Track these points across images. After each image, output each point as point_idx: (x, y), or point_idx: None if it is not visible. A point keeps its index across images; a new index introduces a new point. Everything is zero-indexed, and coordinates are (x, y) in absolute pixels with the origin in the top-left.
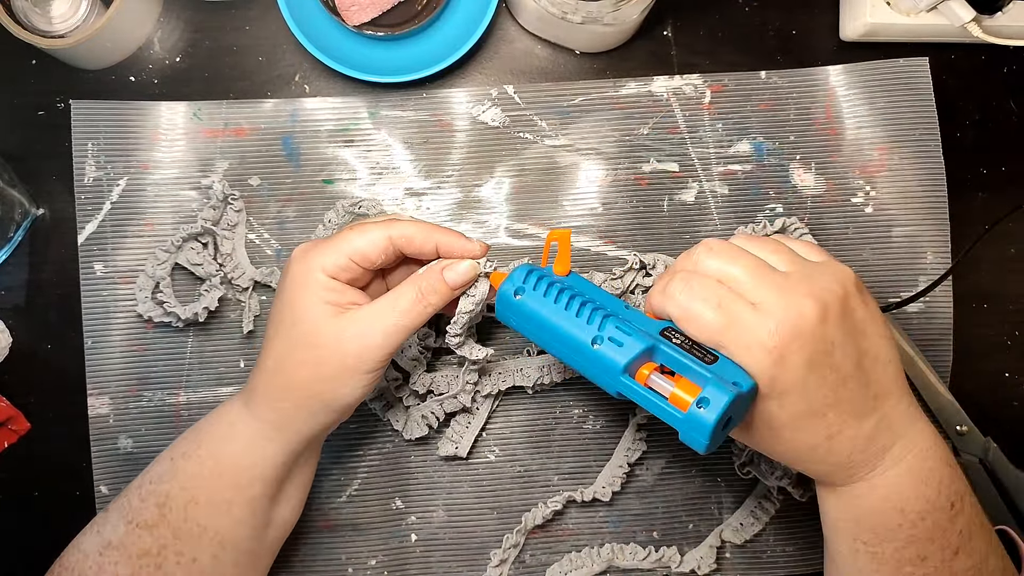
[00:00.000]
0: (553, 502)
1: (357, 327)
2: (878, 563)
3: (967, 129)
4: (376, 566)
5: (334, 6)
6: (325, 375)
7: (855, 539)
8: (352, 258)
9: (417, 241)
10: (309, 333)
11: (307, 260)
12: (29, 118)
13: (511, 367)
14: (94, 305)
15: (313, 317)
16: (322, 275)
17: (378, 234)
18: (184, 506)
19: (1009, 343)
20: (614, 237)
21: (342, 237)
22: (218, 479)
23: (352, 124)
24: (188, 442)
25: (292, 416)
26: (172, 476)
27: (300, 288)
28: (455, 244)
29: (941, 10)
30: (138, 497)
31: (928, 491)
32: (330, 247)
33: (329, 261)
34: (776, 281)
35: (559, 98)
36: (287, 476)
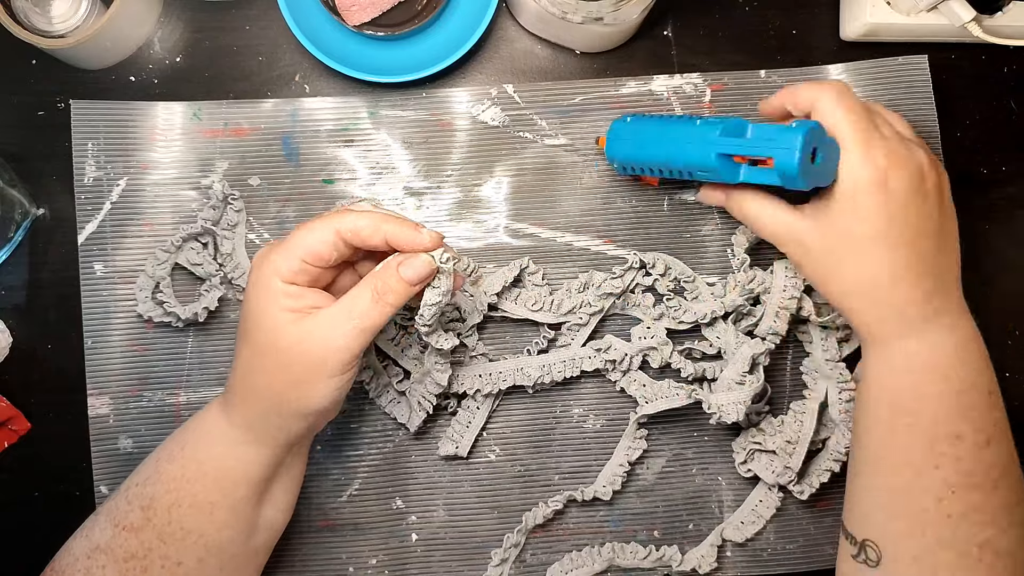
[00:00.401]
0: (553, 501)
1: (318, 332)
2: (914, 436)
3: (967, 129)
4: (376, 565)
5: (334, 6)
6: (291, 381)
7: (897, 408)
8: (305, 259)
9: (364, 234)
10: (271, 340)
11: (264, 266)
12: (29, 118)
13: (511, 367)
14: (94, 305)
15: (273, 324)
16: (279, 282)
17: (325, 230)
18: (168, 509)
19: (1009, 343)
20: (614, 236)
21: (293, 238)
22: (200, 482)
23: (352, 124)
24: (173, 444)
25: (265, 422)
26: (157, 479)
27: (260, 295)
28: (403, 236)
29: (941, 10)
30: (125, 500)
31: (972, 368)
32: (283, 250)
33: (284, 266)
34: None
35: (559, 97)
36: (272, 479)
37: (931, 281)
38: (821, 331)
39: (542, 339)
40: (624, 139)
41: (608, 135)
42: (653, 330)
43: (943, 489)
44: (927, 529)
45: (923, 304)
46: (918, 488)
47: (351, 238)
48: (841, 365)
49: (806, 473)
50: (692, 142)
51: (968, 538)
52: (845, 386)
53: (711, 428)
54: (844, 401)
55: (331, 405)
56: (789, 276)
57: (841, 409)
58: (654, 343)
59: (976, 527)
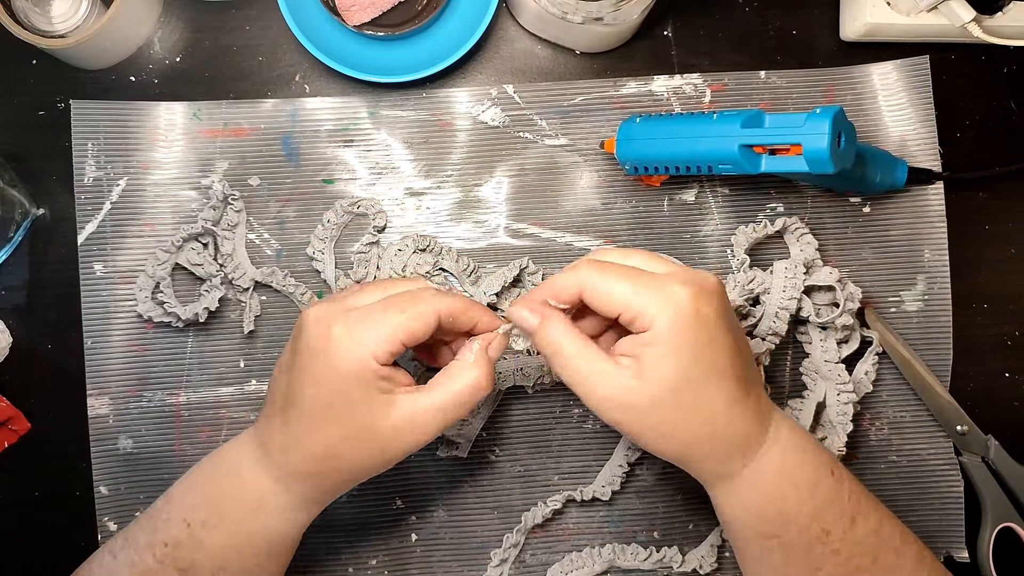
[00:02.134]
0: (553, 501)
1: (414, 419)
2: (790, 554)
3: (967, 129)
4: (376, 566)
5: (334, 6)
6: (376, 462)
7: (765, 536)
8: (404, 342)
9: (462, 320)
10: (367, 427)
11: (354, 343)
12: (29, 118)
13: (511, 367)
14: (94, 305)
15: (369, 410)
16: (375, 363)
17: (428, 311)
18: (213, 572)
19: (1009, 343)
20: (614, 237)
21: (389, 317)
22: (251, 549)
23: (352, 124)
24: (204, 510)
25: (332, 492)
26: (195, 545)
27: (353, 381)
28: (491, 325)
29: (941, 10)
30: (152, 558)
31: (809, 459)
32: (379, 329)
33: (381, 349)
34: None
35: (559, 98)
36: None
37: (756, 394)
38: (821, 332)
39: None
40: (636, 139)
41: (618, 136)
42: None
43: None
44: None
45: (757, 420)
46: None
47: (448, 323)
48: (840, 367)
49: None
50: (712, 136)
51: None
52: (844, 388)
53: None
54: (842, 403)
55: None
56: (789, 276)
57: (839, 411)
58: None
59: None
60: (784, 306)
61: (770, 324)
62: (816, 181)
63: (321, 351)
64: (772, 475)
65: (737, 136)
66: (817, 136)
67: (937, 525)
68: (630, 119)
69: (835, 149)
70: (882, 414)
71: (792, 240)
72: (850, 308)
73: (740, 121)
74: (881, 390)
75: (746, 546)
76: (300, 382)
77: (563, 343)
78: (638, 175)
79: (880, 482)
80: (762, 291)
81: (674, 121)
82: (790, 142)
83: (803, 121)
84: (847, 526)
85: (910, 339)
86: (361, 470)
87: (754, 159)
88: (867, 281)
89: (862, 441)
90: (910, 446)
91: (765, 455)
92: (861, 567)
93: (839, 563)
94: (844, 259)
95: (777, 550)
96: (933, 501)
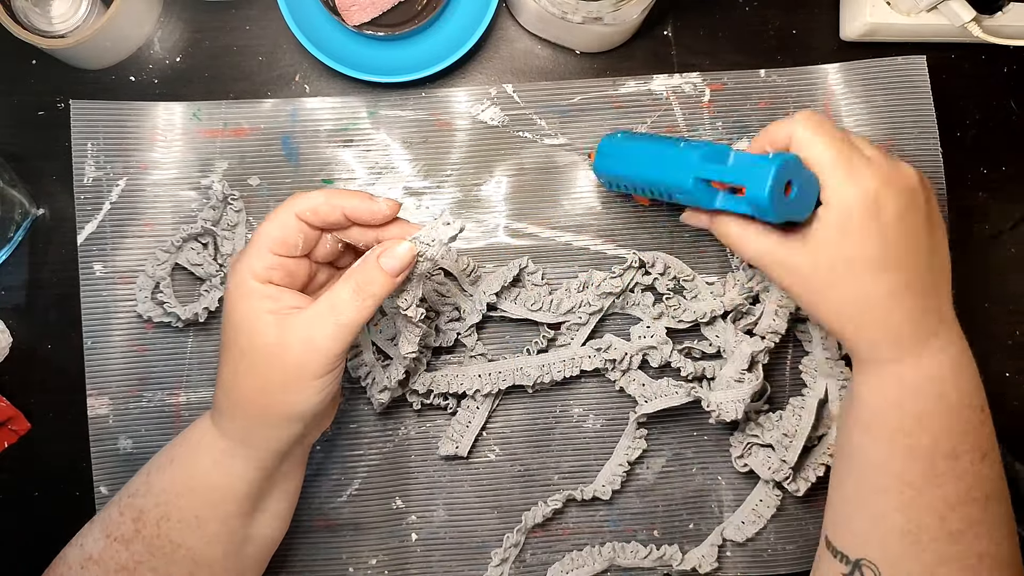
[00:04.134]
0: (553, 500)
1: (298, 333)
2: (914, 457)
3: (967, 129)
4: (376, 565)
5: (334, 6)
6: (273, 386)
7: (896, 432)
8: (273, 251)
9: (323, 211)
10: (252, 343)
11: (238, 269)
12: (29, 118)
13: (510, 367)
14: (94, 305)
15: (253, 327)
16: (254, 282)
17: (285, 215)
18: (157, 522)
19: (1009, 343)
20: (613, 236)
21: (258, 233)
22: (189, 496)
23: (351, 124)
24: (163, 457)
25: (253, 430)
26: (147, 491)
27: (237, 298)
28: (360, 207)
29: (941, 10)
30: (117, 510)
31: (967, 385)
32: (252, 248)
33: (256, 264)
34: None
35: (558, 97)
36: (264, 491)
37: (924, 301)
38: (821, 329)
39: (541, 339)
40: (611, 156)
41: (598, 150)
42: (653, 329)
43: (944, 507)
44: (929, 546)
45: (917, 325)
46: (919, 507)
47: (311, 218)
48: (841, 363)
49: (801, 467)
50: (672, 164)
51: (968, 553)
52: (845, 383)
53: (711, 428)
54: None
55: (318, 409)
56: None
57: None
58: (654, 342)
59: (975, 540)
60: (784, 304)
61: (770, 322)
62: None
63: (225, 291)
64: (924, 379)
65: (693, 169)
66: (760, 182)
67: None
68: (612, 134)
69: (780, 198)
70: None
71: None
72: None
73: (700, 153)
74: None
75: (870, 440)
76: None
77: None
78: (614, 191)
79: None
80: (761, 289)
81: (646, 142)
82: (738, 183)
83: (753, 163)
84: (977, 459)
85: None
86: (275, 401)
87: (710, 194)
88: None
89: None
90: None
91: (921, 359)
92: (976, 500)
93: (959, 489)
94: None
95: (902, 450)
96: None
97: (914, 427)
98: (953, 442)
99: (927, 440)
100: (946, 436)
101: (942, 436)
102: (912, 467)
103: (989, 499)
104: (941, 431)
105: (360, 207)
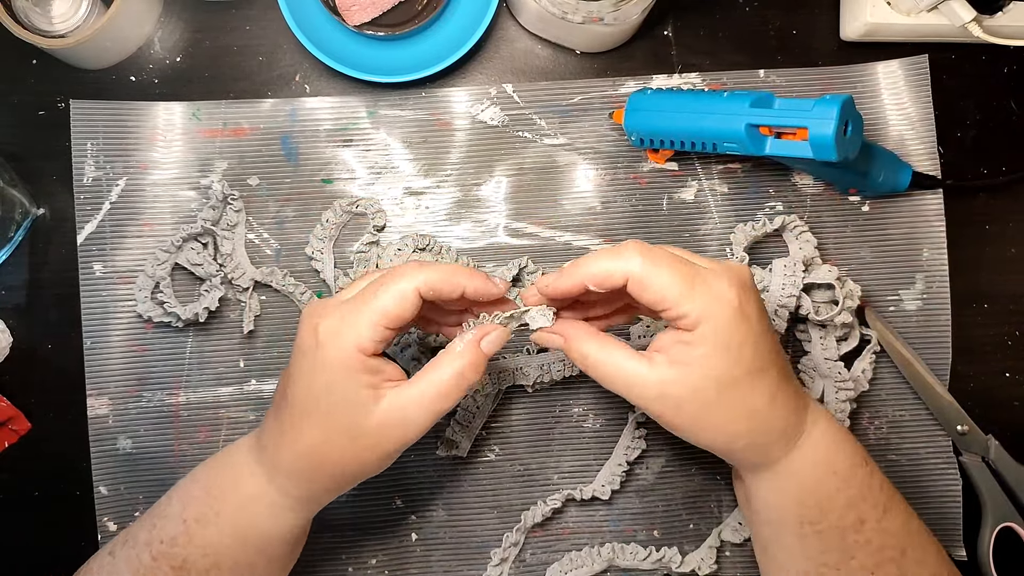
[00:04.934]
0: (552, 500)
1: (402, 413)
2: (825, 541)
3: (967, 129)
4: (376, 565)
5: (334, 6)
6: (365, 460)
7: (801, 523)
8: (387, 326)
9: (445, 291)
10: (352, 424)
11: (338, 336)
12: (29, 118)
13: (510, 366)
14: (93, 305)
15: (354, 405)
16: (360, 355)
17: (406, 288)
18: (206, 570)
19: (1009, 343)
20: (613, 236)
21: (369, 302)
22: (242, 548)
23: (351, 123)
24: (201, 505)
25: (323, 493)
26: (188, 540)
27: (339, 375)
28: (481, 289)
29: (941, 10)
30: (149, 555)
31: (846, 447)
32: (361, 317)
33: (365, 336)
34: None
35: (558, 97)
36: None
37: (792, 385)
38: (820, 330)
39: None
40: (645, 110)
41: (627, 106)
42: (652, 329)
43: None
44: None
45: (795, 413)
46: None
47: (431, 296)
48: (839, 364)
49: None
50: (720, 113)
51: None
52: (842, 386)
53: None
54: (840, 400)
55: None
56: (788, 274)
57: (837, 408)
58: None
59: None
60: (783, 304)
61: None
62: (819, 172)
63: (309, 348)
64: (811, 463)
65: (745, 115)
66: (824, 121)
67: (936, 525)
68: (641, 90)
69: (840, 137)
70: (881, 413)
71: (791, 238)
72: (849, 306)
73: (750, 100)
74: (880, 389)
75: (781, 534)
76: (291, 380)
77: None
78: (643, 148)
79: None
80: (761, 289)
81: (685, 96)
82: (797, 125)
83: (812, 106)
84: (880, 515)
85: (909, 338)
86: (350, 469)
87: (759, 140)
88: (866, 280)
89: (861, 440)
90: (909, 445)
91: (804, 444)
92: (892, 558)
93: (871, 552)
94: (843, 258)
95: (813, 537)
96: (932, 500)
97: (817, 514)
98: (855, 511)
99: (833, 519)
100: (847, 509)
101: (844, 511)
102: (825, 548)
103: (904, 550)
104: (842, 506)
105: (482, 290)
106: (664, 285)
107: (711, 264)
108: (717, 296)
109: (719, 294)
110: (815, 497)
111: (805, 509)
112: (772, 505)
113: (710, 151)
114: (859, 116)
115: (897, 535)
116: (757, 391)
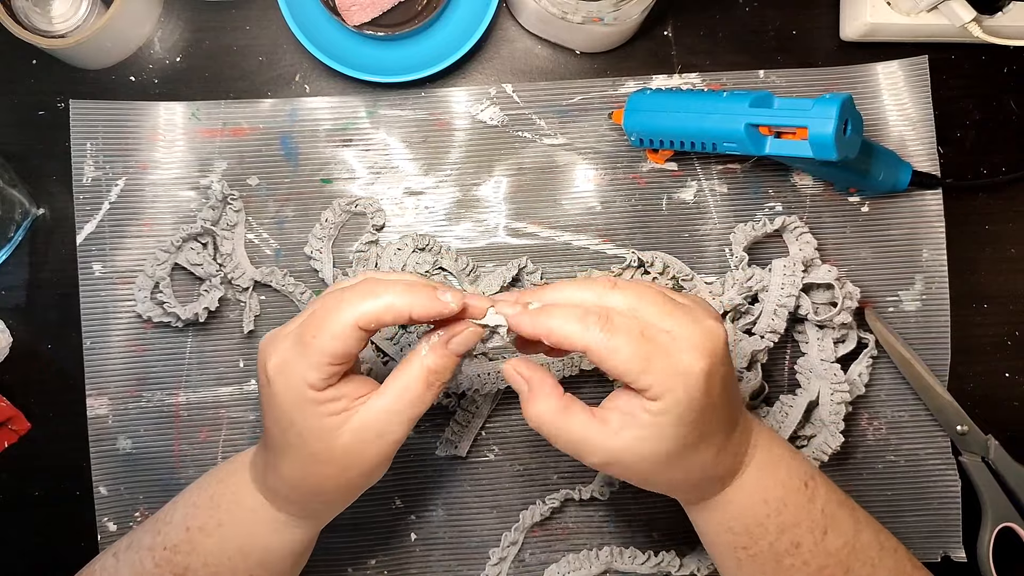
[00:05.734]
0: (551, 500)
1: (373, 428)
2: (760, 565)
3: (967, 129)
4: (376, 565)
5: (334, 6)
6: (351, 479)
7: (735, 548)
8: (332, 363)
9: (388, 319)
10: (324, 450)
11: (289, 378)
12: (29, 118)
13: None
14: (93, 305)
15: (321, 432)
16: (312, 392)
17: (345, 325)
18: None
19: (1009, 343)
20: (612, 236)
21: (310, 343)
22: (243, 559)
23: (350, 123)
24: (205, 514)
25: (323, 511)
26: (191, 549)
27: (296, 411)
28: (430, 308)
29: (941, 10)
30: (152, 561)
31: (780, 475)
32: (306, 359)
33: (313, 376)
34: (681, 310)
35: (558, 97)
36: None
37: (738, 430)
38: (818, 331)
39: None
40: (645, 110)
41: (627, 106)
42: None
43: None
44: None
45: (737, 451)
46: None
47: (374, 327)
48: (836, 366)
49: None
50: (720, 112)
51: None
52: (838, 387)
53: None
54: (835, 403)
55: None
56: (787, 274)
57: (832, 410)
58: None
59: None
60: (783, 303)
61: (768, 322)
62: (818, 172)
63: (265, 387)
64: (744, 493)
65: (745, 115)
66: (824, 120)
67: (935, 525)
68: (641, 90)
69: (840, 136)
70: (880, 414)
71: (791, 239)
72: (848, 306)
73: (749, 100)
74: (880, 390)
75: (721, 558)
76: (263, 412)
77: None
78: (643, 148)
79: (878, 482)
80: (760, 289)
81: (684, 96)
82: (797, 124)
83: (811, 105)
84: (818, 538)
85: (908, 338)
86: (340, 491)
87: (759, 140)
88: (865, 280)
89: (860, 441)
90: (908, 446)
91: (740, 477)
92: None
93: (810, 573)
94: (842, 259)
95: (747, 561)
96: (931, 501)
97: (747, 540)
98: (788, 536)
99: (764, 545)
100: (779, 534)
101: (777, 536)
102: (761, 571)
103: (849, 567)
104: (774, 531)
105: (429, 309)
106: (624, 359)
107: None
108: (683, 370)
109: (685, 368)
110: (743, 523)
111: (734, 536)
112: (706, 532)
113: (710, 151)
114: (859, 115)
115: (838, 555)
116: (706, 450)
